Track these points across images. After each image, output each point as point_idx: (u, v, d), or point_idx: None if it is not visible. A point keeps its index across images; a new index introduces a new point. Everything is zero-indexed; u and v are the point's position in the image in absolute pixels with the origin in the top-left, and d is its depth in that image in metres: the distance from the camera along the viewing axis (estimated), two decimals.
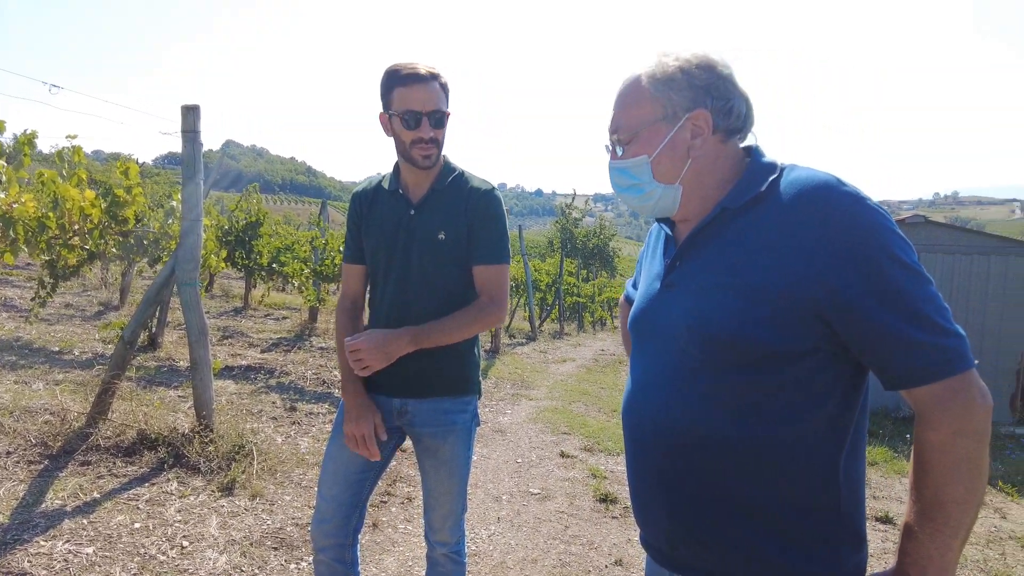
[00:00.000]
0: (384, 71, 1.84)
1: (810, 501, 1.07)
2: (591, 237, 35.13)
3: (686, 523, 1.14)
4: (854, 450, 1.09)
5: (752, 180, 1.13)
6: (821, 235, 1.01)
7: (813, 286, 1.01)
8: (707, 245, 1.16)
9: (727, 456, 1.08)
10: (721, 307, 1.08)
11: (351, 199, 2.09)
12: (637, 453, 1.22)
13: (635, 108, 1.18)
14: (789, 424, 1.05)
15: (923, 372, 0.98)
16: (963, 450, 0.97)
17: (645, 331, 1.25)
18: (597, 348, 13.30)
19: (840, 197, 1.02)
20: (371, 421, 1.88)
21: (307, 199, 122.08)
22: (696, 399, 1.11)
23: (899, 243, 1.01)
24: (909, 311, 0.98)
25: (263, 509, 3.35)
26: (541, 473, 4.57)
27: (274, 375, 6.09)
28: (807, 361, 1.04)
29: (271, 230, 10.57)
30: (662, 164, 1.17)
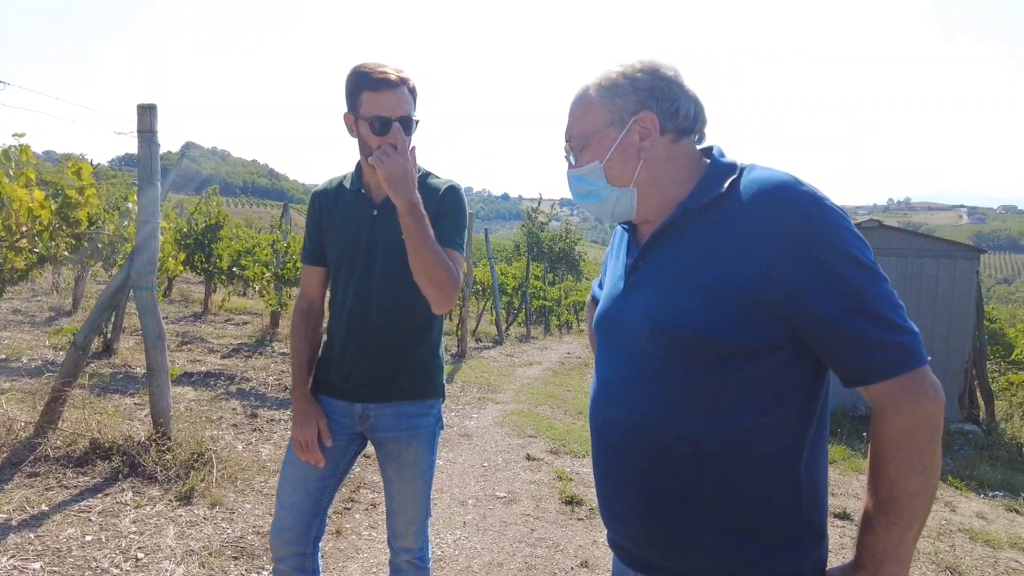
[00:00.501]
0: (351, 71, 1.77)
1: (772, 497, 1.08)
2: (557, 241, 35.31)
3: (652, 522, 1.15)
4: (816, 446, 1.11)
5: (713, 181, 1.15)
6: (779, 234, 1.02)
7: (772, 285, 1.02)
8: (669, 245, 1.17)
9: (690, 453, 1.09)
10: (682, 306, 1.09)
11: (311, 198, 2.04)
12: (603, 452, 1.23)
13: (585, 117, 1.22)
14: (751, 420, 1.07)
15: (878, 369, 1.00)
16: (917, 445, 0.99)
17: (609, 331, 1.26)
18: (563, 351, 13.36)
19: (798, 197, 1.04)
20: (315, 426, 1.86)
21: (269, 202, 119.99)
22: (659, 397, 1.12)
23: (855, 242, 1.02)
24: (864, 309, 1.00)
25: (223, 518, 3.27)
26: (507, 476, 4.57)
27: (234, 381, 5.96)
28: (769, 358, 1.06)
29: (232, 233, 10.36)
30: (614, 168, 1.20)
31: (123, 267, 3.99)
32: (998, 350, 11.80)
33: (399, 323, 1.88)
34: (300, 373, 1.94)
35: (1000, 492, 5.44)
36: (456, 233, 1.88)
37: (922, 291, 8.12)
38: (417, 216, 1.68)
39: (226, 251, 9.75)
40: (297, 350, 1.96)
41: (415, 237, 1.68)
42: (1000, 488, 5.55)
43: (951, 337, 8.06)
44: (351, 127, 1.83)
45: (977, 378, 8.21)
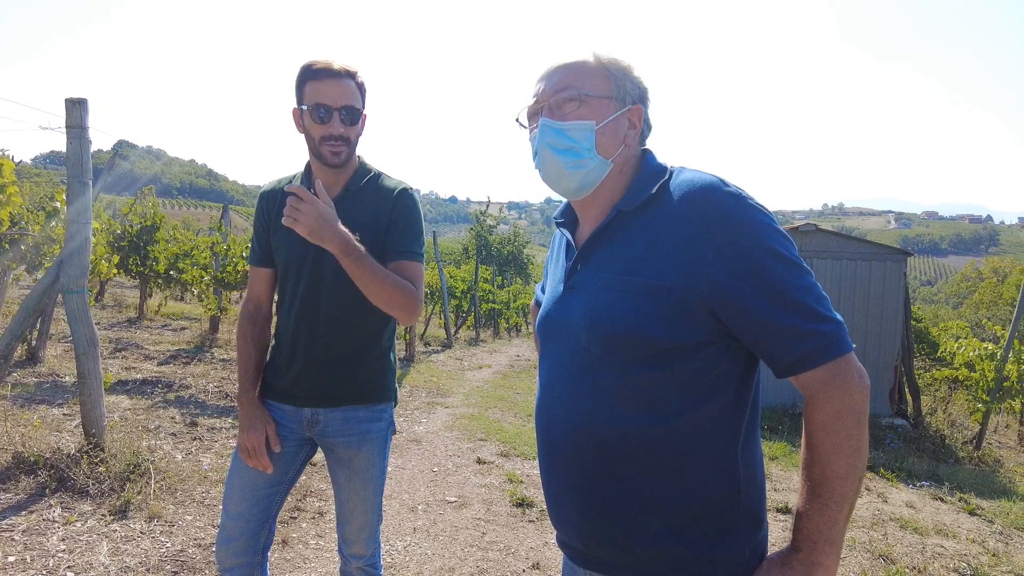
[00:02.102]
0: (300, 67, 1.78)
1: (711, 488, 1.11)
2: (506, 244, 35.41)
3: (595, 519, 1.17)
4: (749, 436, 1.15)
5: (644, 183, 1.19)
6: (704, 233, 1.06)
7: (700, 282, 1.06)
8: (604, 247, 1.20)
9: (631, 450, 1.12)
10: (617, 305, 1.12)
11: (259, 198, 1.99)
12: (547, 452, 1.25)
13: (588, 77, 1.21)
14: (688, 415, 1.10)
15: (806, 358, 1.04)
16: (845, 428, 1.03)
17: (551, 332, 1.28)
18: (513, 354, 13.39)
19: (722, 197, 1.08)
20: (263, 432, 1.81)
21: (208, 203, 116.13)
22: (598, 396, 1.14)
23: (778, 238, 1.07)
24: (789, 301, 1.04)
25: (162, 531, 3.13)
26: (457, 481, 4.54)
27: (172, 389, 5.73)
28: (701, 354, 1.09)
29: (168, 235, 9.98)
30: (605, 135, 1.21)
31: (50, 270, 3.78)
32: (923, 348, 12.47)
33: (349, 326, 1.84)
34: (246, 377, 1.88)
35: (927, 482, 5.73)
36: (412, 242, 1.86)
37: (856, 292, 8.48)
38: (355, 256, 1.67)
39: (163, 254, 9.39)
40: (243, 354, 1.90)
41: (360, 276, 1.69)
42: (927, 478, 5.84)
43: (882, 335, 8.45)
44: (298, 122, 1.82)
45: (905, 374, 8.62)
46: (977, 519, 4.81)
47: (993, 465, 6.87)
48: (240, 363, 1.90)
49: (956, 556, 3.93)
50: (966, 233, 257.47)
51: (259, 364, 1.91)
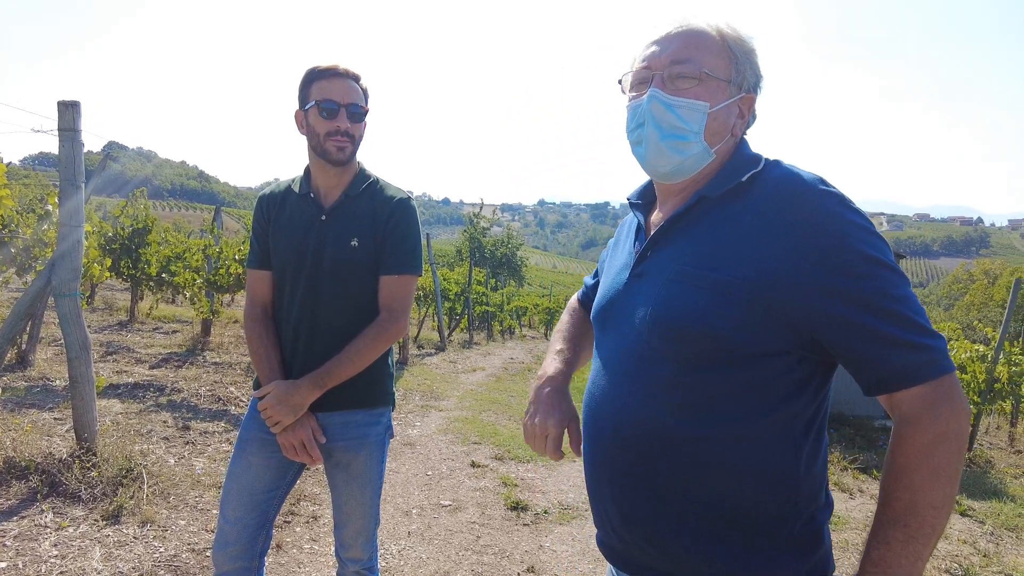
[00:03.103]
0: (305, 71, 1.84)
1: (765, 504, 1.03)
2: (499, 246, 35.43)
3: (637, 520, 1.10)
4: (815, 450, 1.06)
5: (734, 170, 1.09)
6: (798, 233, 0.98)
7: (787, 286, 0.98)
8: (681, 235, 1.11)
9: (680, 455, 1.04)
10: (688, 299, 1.04)
11: (257, 201, 2.00)
12: (592, 448, 1.18)
13: (710, 53, 1.10)
14: (747, 424, 1.02)
15: (908, 374, 0.95)
16: (944, 454, 0.94)
17: (608, 322, 1.20)
18: (507, 356, 13.39)
19: (821, 197, 1.00)
20: (307, 426, 1.81)
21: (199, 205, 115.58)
22: (652, 394, 1.07)
23: (877, 243, 0.98)
24: (890, 312, 0.95)
25: (155, 536, 3.11)
26: (452, 484, 4.53)
27: (164, 392, 5.70)
28: (773, 363, 1.01)
29: (160, 238, 9.92)
30: (717, 122, 1.11)
31: (41, 273, 3.76)
32: None
33: (347, 330, 1.84)
34: (273, 376, 1.85)
35: None
36: (406, 256, 1.89)
37: None
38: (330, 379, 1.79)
39: (154, 257, 9.34)
40: (263, 355, 1.88)
41: (347, 374, 1.81)
42: None
43: None
44: (300, 123, 1.86)
45: None
46: (968, 520, 4.85)
47: (984, 466, 6.92)
48: (263, 367, 1.87)
49: (948, 557, 3.96)
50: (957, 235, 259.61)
51: (281, 363, 1.88)
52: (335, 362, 1.79)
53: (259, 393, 1.82)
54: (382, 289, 1.87)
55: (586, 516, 4.10)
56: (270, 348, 1.88)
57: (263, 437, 1.86)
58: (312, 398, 1.79)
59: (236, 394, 5.87)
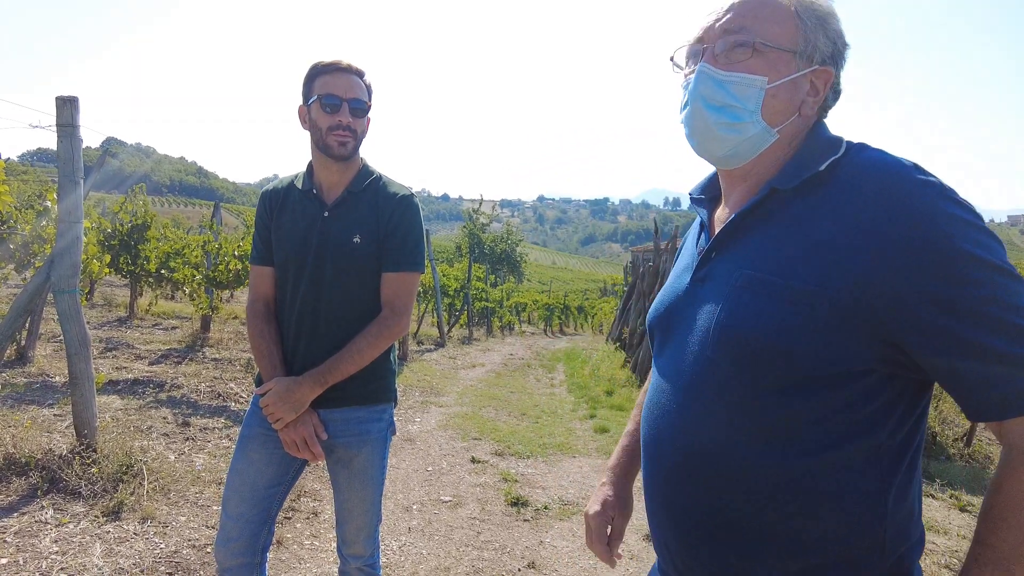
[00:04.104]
0: (309, 66, 1.85)
1: (848, 541, 0.90)
2: (498, 242, 35.44)
3: (699, 557, 0.99)
4: (906, 482, 0.92)
5: (809, 157, 0.95)
6: (889, 231, 0.83)
7: (876, 295, 0.84)
8: (750, 234, 0.98)
9: (749, 486, 0.92)
10: (759, 313, 0.91)
11: (260, 198, 2.00)
12: (652, 472, 1.06)
13: (771, 21, 0.97)
14: (826, 455, 0.89)
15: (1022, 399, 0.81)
16: None
17: (667, 332, 1.08)
18: (506, 352, 13.40)
19: (917, 187, 0.84)
20: (310, 422, 1.81)
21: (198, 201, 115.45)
22: (720, 416, 0.95)
23: (987, 241, 0.83)
24: (1003, 324, 0.80)
25: (155, 532, 3.11)
26: (452, 480, 4.53)
27: (164, 389, 5.69)
28: (857, 384, 0.87)
29: (159, 234, 9.91)
30: (777, 98, 0.97)
31: (40, 270, 3.75)
32: None
33: (350, 326, 1.84)
34: (276, 373, 1.85)
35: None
36: (410, 252, 1.89)
37: None
38: (331, 376, 1.79)
39: (154, 253, 9.33)
40: (266, 352, 1.87)
41: (348, 371, 1.81)
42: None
43: None
44: (303, 118, 1.86)
45: None
46: (968, 515, 4.85)
47: (983, 462, 6.93)
48: (265, 363, 1.87)
49: (947, 552, 3.97)
50: None
51: (283, 359, 1.88)
52: (337, 359, 1.79)
53: (261, 390, 1.82)
54: (384, 286, 1.87)
55: None
56: (272, 344, 1.88)
57: (265, 433, 1.86)
58: (314, 395, 1.79)
59: (236, 390, 5.87)
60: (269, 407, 1.77)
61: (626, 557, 3.44)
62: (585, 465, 5.16)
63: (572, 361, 12.29)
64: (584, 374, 10.19)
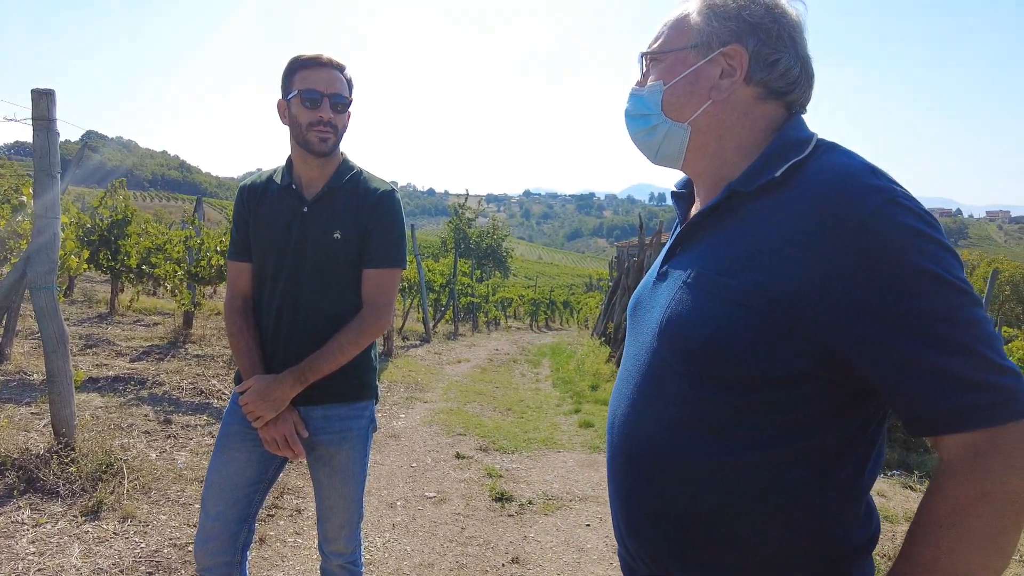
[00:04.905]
0: (288, 60, 1.83)
1: (780, 538, 0.90)
2: (484, 237, 35.42)
3: (642, 542, 1.01)
4: (849, 485, 0.90)
5: (771, 160, 0.95)
6: (835, 237, 0.82)
7: (820, 302, 0.83)
8: (707, 233, 1.00)
9: (687, 477, 0.93)
10: (701, 308, 0.92)
11: (238, 192, 1.98)
12: (609, 451, 1.09)
13: (675, 29, 1.04)
14: (763, 452, 0.89)
15: (960, 417, 0.78)
16: (988, 516, 0.78)
17: (633, 323, 1.11)
18: (492, 348, 13.40)
19: (864, 191, 0.83)
20: (290, 420, 1.80)
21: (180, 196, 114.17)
22: (663, 409, 0.96)
23: (936, 252, 0.81)
24: (945, 338, 0.78)
25: (136, 531, 3.08)
26: (436, 476, 4.53)
27: (145, 386, 5.63)
28: (797, 386, 0.86)
29: (140, 229, 9.78)
30: (675, 95, 1.03)
31: (16, 266, 3.69)
32: None
33: (330, 323, 1.83)
34: (255, 370, 1.84)
35: (897, 471, 5.85)
36: (396, 251, 1.88)
37: None
38: (310, 374, 1.77)
39: (135, 248, 9.21)
40: (244, 349, 1.86)
41: (329, 368, 1.79)
42: (897, 467, 5.97)
43: None
44: (283, 113, 1.84)
45: None
46: None
47: None
48: (243, 360, 1.85)
49: None
50: None
51: (262, 356, 1.87)
52: (317, 356, 1.78)
53: (240, 388, 1.80)
54: (366, 282, 1.86)
55: (570, 507, 4.12)
56: (251, 341, 1.86)
57: (245, 431, 1.85)
58: (294, 393, 1.77)
59: (218, 387, 5.82)
60: (248, 405, 1.76)
61: (608, 551, 3.46)
62: (570, 460, 5.18)
63: (557, 356, 12.33)
64: (569, 369, 10.22)
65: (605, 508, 3.99)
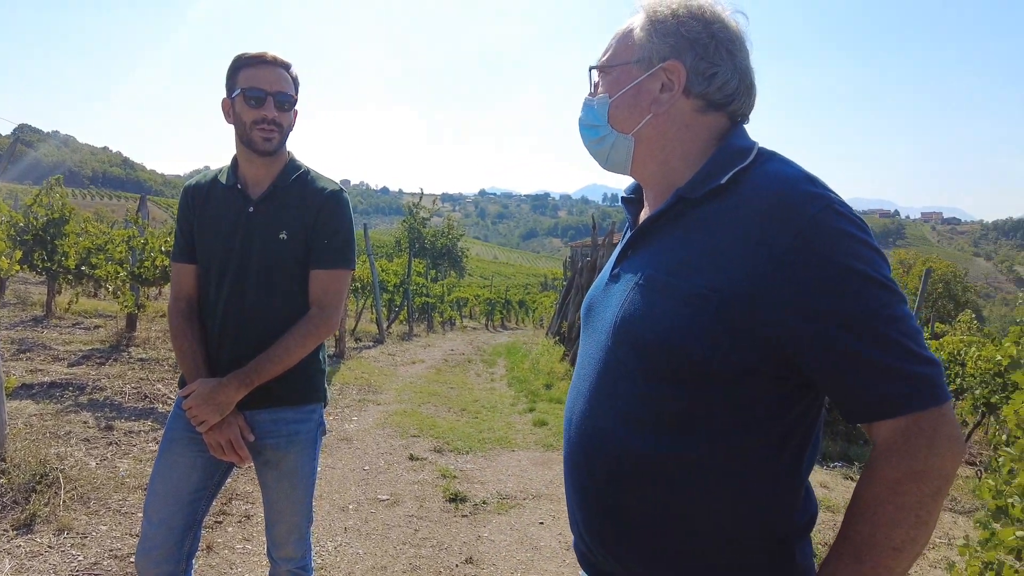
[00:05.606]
0: (233, 58, 1.80)
1: (728, 527, 0.95)
2: (439, 237, 35.25)
3: (599, 535, 1.05)
4: (792, 473, 0.97)
5: (716, 168, 1.00)
6: (777, 244, 0.88)
7: (762, 302, 0.89)
8: (657, 237, 1.05)
9: (639, 470, 0.98)
10: (653, 308, 0.97)
11: (182, 192, 1.94)
12: (566, 447, 1.13)
13: (620, 44, 1.10)
14: (711, 445, 0.94)
15: (888, 404, 0.87)
16: (916, 495, 0.86)
17: (587, 323, 1.16)
18: (447, 348, 13.35)
19: (804, 199, 0.90)
20: (235, 424, 1.76)
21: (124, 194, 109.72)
22: (616, 405, 1.01)
23: (868, 255, 0.88)
24: (875, 333, 0.86)
25: (73, 544, 2.96)
26: (389, 479, 4.50)
27: (85, 391, 5.41)
28: (743, 382, 0.92)
29: (79, 228, 9.39)
30: (620, 108, 1.09)
31: None
32: None
33: (276, 326, 1.80)
34: (199, 374, 1.80)
35: (839, 463, 6.08)
36: (339, 250, 1.86)
37: None
38: (257, 376, 1.74)
39: (73, 248, 8.84)
40: (189, 353, 1.82)
41: (275, 371, 1.76)
42: (839, 459, 6.20)
43: None
44: (227, 111, 1.81)
45: None
46: None
47: None
48: (187, 363, 1.81)
49: None
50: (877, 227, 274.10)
51: (206, 359, 1.83)
52: (263, 359, 1.75)
53: (184, 391, 1.76)
54: (313, 284, 1.84)
55: (524, 505, 4.15)
56: (195, 344, 1.82)
57: (189, 436, 1.80)
58: (239, 396, 1.74)
59: (163, 391, 5.65)
60: (192, 409, 1.72)
61: (561, 548, 3.50)
62: (524, 458, 5.21)
63: (513, 355, 12.36)
64: (524, 368, 10.26)
65: (558, 506, 4.03)
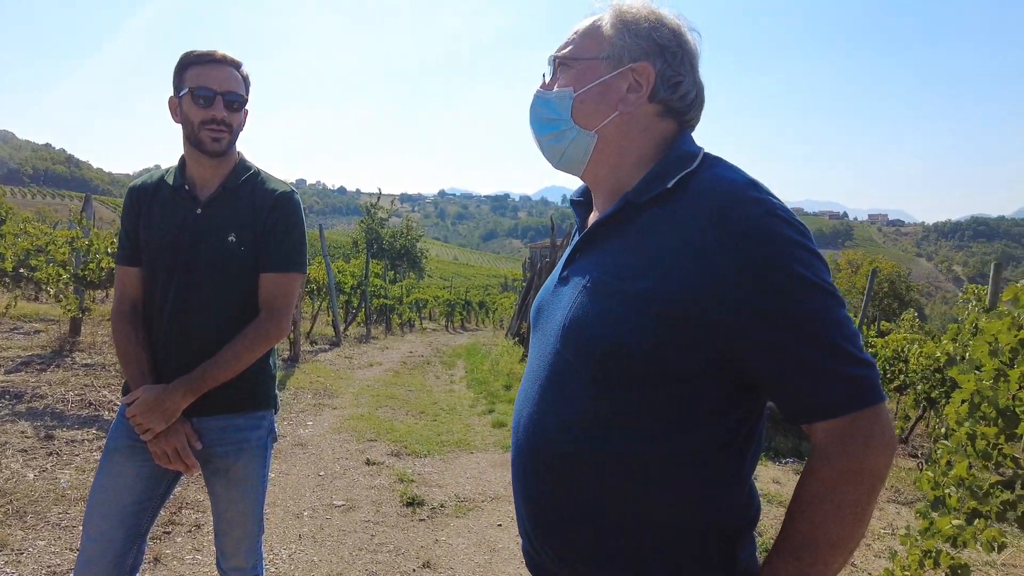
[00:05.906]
0: (180, 55, 1.75)
1: (675, 525, 0.97)
2: (398, 237, 34.94)
3: (543, 530, 1.07)
4: (737, 469, 0.99)
5: (662, 173, 1.02)
6: (720, 246, 0.90)
7: (706, 303, 0.90)
8: (604, 241, 1.06)
9: (586, 471, 0.99)
10: (600, 311, 0.98)
11: (127, 193, 1.88)
12: (513, 450, 1.14)
13: (585, 39, 1.09)
14: (658, 444, 0.95)
15: (826, 406, 0.89)
16: (854, 493, 0.89)
17: (536, 325, 1.16)
18: (406, 350, 13.24)
19: (747, 204, 0.92)
20: (181, 432, 1.71)
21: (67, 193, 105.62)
22: (564, 407, 1.02)
23: (809, 260, 0.90)
24: (814, 337, 0.88)
25: (7, 561, 2.84)
26: (345, 484, 4.44)
27: (23, 399, 5.19)
28: (689, 382, 0.94)
29: (17, 228, 9.01)
30: (585, 103, 1.08)
31: None
32: None
33: (225, 330, 1.76)
34: (144, 381, 1.74)
35: (791, 459, 6.25)
36: (289, 253, 1.83)
37: None
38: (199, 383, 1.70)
39: (10, 249, 8.46)
40: (133, 358, 1.76)
41: (224, 377, 1.72)
42: (791, 455, 6.37)
43: None
44: (175, 110, 1.76)
45: None
46: None
47: None
48: (132, 369, 1.75)
49: None
50: (827, 228, 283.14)
51: (152, 365, 1.77)
52: (211, 365, 1.71)
53: (128, 399, 1.70)
54: (262, 287, 1.81)
55: (482, 508, 4.15)
56: (140, 349, 1.77)
57: (133, 445, 1.75)
58: (185, 403, 1.70)
59: (109, 398, 5.45)
60: (137, 417, 1.67)
61: (520, 550, 3.51)
62: (482, 460, 5.21)
63: (472, 357, 12.35)
64: (484, 369, 10.26)
65: None
